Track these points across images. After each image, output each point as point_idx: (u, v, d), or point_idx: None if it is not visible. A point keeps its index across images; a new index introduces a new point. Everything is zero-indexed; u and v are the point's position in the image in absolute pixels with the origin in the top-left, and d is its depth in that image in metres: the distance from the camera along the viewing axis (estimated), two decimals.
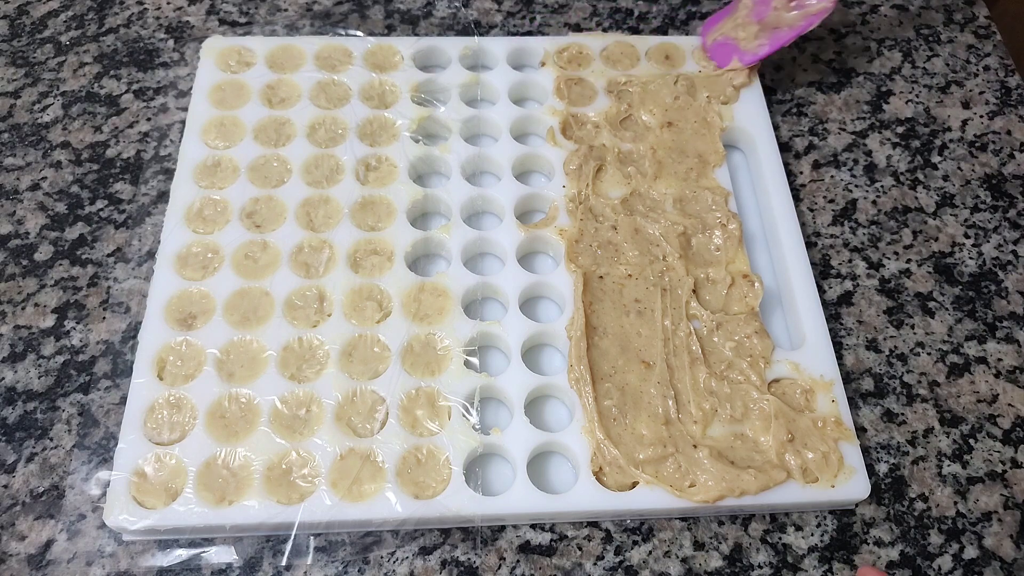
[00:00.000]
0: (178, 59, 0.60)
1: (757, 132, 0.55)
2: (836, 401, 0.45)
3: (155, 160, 0.55)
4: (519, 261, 0.49)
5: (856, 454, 0.44)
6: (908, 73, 0.62)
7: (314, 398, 0.44)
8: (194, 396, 0.44)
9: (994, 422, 0.47)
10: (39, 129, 0.56)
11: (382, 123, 0.55)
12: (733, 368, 0.46)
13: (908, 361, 0.49)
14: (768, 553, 0.43)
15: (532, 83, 0.57)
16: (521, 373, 0.45)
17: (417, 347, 0.46)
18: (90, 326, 0.48)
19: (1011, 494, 0.45)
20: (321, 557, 0.42)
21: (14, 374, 0.47)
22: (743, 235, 0.51)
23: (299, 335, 0.46)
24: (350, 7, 0.63)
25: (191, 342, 0.45)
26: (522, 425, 0.44)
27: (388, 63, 0.57)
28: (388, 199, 0.51)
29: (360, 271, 0.49)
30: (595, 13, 0.64)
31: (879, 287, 0.52)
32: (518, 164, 0.53)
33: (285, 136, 0.54)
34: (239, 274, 0.48)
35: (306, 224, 0.50)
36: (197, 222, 0.50)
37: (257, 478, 0.42)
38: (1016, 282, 0.52)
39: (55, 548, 0.42)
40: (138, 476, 0.42)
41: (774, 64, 0.62)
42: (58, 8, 0.63)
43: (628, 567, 0.42)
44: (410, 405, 0.44)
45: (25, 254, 0.51)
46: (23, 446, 0.45)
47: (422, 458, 0.43)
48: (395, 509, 0.41)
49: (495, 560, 0.42)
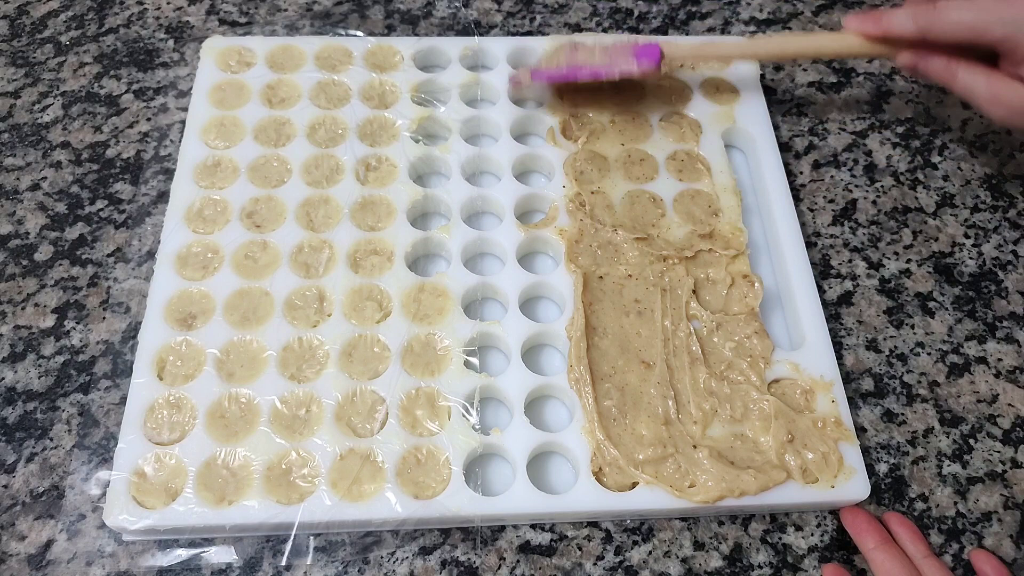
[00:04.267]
0: (178, 59, 0.60)
1: (757, 132, 0.55)
2: (836, 401, 0.45)
3: (155, 160, 0.55)
4: (519, 261, 0.49)
5: (856, 454, 0.44)
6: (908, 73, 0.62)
7: (314, 398, 0.44)
8: (194, 396, 0.44)
9: (994, 422, 0.47)
10: (39, 129, 0.56)
11: (382, 123, 0.55)
12: (733, 368, 0.46)
13: (908, 361, 0.49)
14: (768, 553, 0.43)
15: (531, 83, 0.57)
16: (521, 373, 0.45)
17: (417, 347, 0.46)
18: (90, 326, 0.48)
19: (1011, 494, 0.45)
20: (321, 557, 0.42)
21: (14, 374, 0.47)
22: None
23: (299, 335, 0.46)
24: (350, 7, 0.63)
25: (191, 342, 0.45)
26: (522, 425, 0.44)
27: (388, 63, 0.57)
28: (388, 199, 0.51)
29: (360, 271, 0.49)
30: (595, 13, 0.64)
31: (879, 287, 0.52)
32: (518, 164, 0.53)
33: (285, 136, 0.54)
34: (239, 274, 0.48)
35: (306, 224, 0.50)
36: (197, 222, 0.50)
37: (257, 478, 0.42)
38: (1016, 282, 0.52)
39: (55, 548, 0.42)
40: (138, 476, 0.42)
41: (774, 64, 0.62)
42: (58, 8, 0.63)
43: (628, 567, 0.42)
44: (410, 405, 0.44)
45: (25, 254, 0.51)
46: (23, 446, 0.45)
47: (422, 458, 0.43)
48: (395, 509, 0.41)
49: (495, 560, 0.42)
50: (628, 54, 0.52)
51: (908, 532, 0.42)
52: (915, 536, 0.42)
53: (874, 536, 0.42)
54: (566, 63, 0.53)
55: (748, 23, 0.64)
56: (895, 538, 0.42)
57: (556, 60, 0.54)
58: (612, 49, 0.53)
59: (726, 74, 0.58)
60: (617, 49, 0.53)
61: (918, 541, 0.42)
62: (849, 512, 0.43)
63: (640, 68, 0.52)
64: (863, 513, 0.43)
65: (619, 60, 0.52)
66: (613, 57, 0.53)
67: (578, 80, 0.53)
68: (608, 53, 0.53)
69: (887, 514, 0.44)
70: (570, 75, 0.53)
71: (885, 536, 0.42)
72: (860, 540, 0.42)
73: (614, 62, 0.52)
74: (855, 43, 0.50)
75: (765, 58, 0.59)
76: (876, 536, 0.42)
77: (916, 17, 0.47)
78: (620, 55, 0.53)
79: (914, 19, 0.47)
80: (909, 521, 0.43)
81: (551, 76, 0.54)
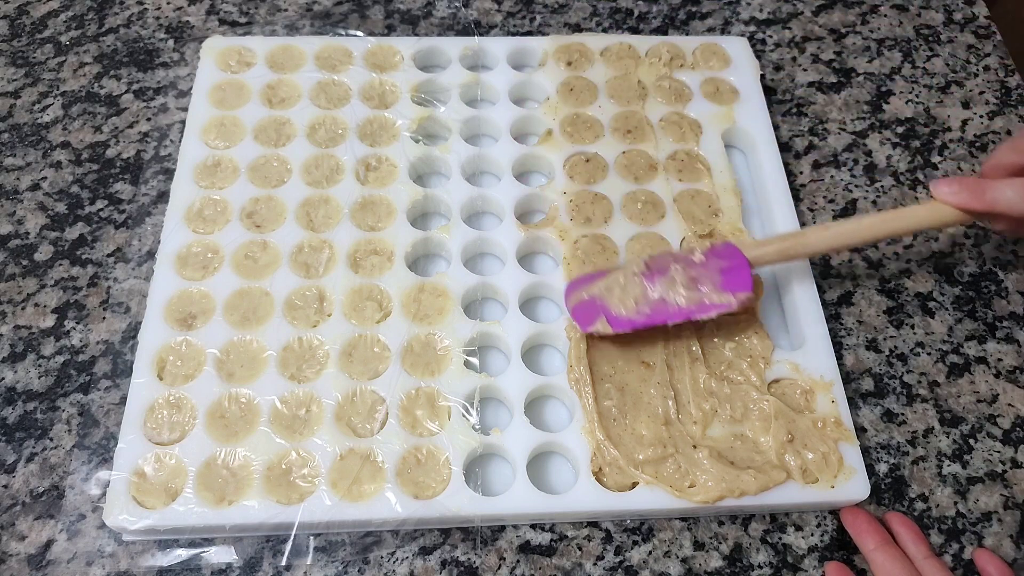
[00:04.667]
0: (178, 59, 0.60)
1: (757, 132, 0.55)
2: (836, 401, 0.45)
3: (155, 160, 0.55)
4: (519, 261, 0.49)
5: (856, 454, 0.44)
6: (908, 73, 0.62)
7: (314, 398, 0.44)
8: (194, 396, 0.44)
9: (994, 422, 0.47)
10: (39, 129, 0.56)
11: (382, 123, 0.55)
12: (733, 368, 0.46)
13: (908, 361, 0.49)
14: (768, 553, 0.43)
15: (532, 83, 0.57)
16: (521, 373, 0.45)
17: (417, 347, 0.46)
18: (90, 326, 0.48)
19: (1011, 494, 0.45)
20: (321, 557, 0.42)
21: (14, 374, 0.47)
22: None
23: (299, 335, 0.46)
24: (350, 7, 0.63)
25: (191, 342, 0.45)
26: (522, 425, 0.44)
27: (388, 63, 0.57)
28: (388, 199, 0.51)
29: (360, 271, 0.49)
30: (595, 13, 0.64)
31: (879, 287, 0.52)
32: (518, 164, 0.53)
33: (285, 136, 0.54)
34: (239, 274, 0.48)
35: (306, 224, 0.50)
36: (197, 222, 0.50)
37: (257, 478, 0.42)
38: (1016, 282, 0.52)
39: (55, 548, 0.42)
40: (138, 476, 0.42)
41: (774, 64, 0.62)
42: (58, 8, 0.63)
43: (628, 567, 0.42)
44: (410, 405, 0.44)
45: (25, 254, 0.51)
46: (23, 446, 0.45)
47: (422, 458, 0.43)
48: (395, 509, 0.41)
49: (495, 560, 0.42)
50: (716, 281, 0.44)
51: (909, 532, 0.42)
52: (916, 536, 0.42)
53: (875, 537, 0.42)
54: (644, 298, 0.45)
55: (748, 23, 0.64)
56: (896, 538, 0.42)
57: (627, 289, 0.45)
58: (696, 274, 0.45)
59: (726, 74, 0.58)
60: (701, 274, 0.45)
61: (919, 542, 0.42)
62: (849, 513, 0.43)
63: (738, 301, 0.44)
64: (864, 514, 0.43)
65: (710, 293, 0.44)
66: (700, 286, 0.44)
67: (667, 324, 0.45)
68: (693, 280, 0.45)
69: (888, 514, 0.44)
70: (656, 320, 0.45)
71: (886, 537, 0.42)
72: (860, 541, 0.42)
73: (705, 296, 0.44)
74: (949, 214, 0.44)
75: (854, 246, 0.49)
76: (877, 537, 0.42)
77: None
78: (707, 283, 0.44)
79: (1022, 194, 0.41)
80: (910, 521, 0.43)
81: (634, 324, 0.45)
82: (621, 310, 0.45)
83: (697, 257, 0.46)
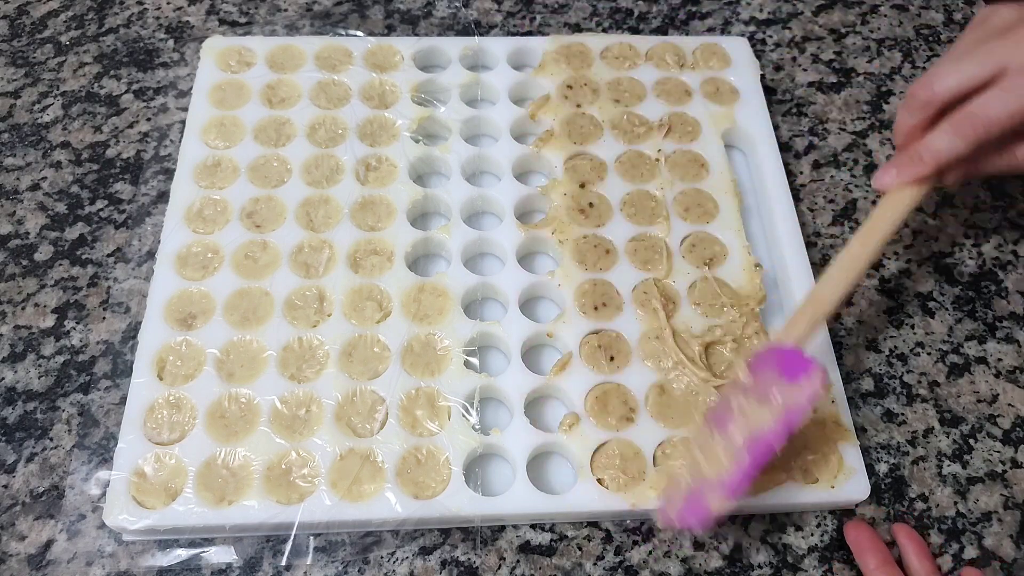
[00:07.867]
0: (178, 59, 0.60)
1: (757, 132, 0.55)
2: (836, 401, 0.45)
3: (155, 160, 0.55)
4: (519, 261, 0.49)
5: (856, 454, 0.44)
6: (908, 73, 0.62)
7: (314, 398, 0.44)
8: (194, 396, 0.44)
9: (994, 422, 0.47)
10: (39, 129, 0.56)
11: (382, 123, 0.55)
12: (733, 368, 0.46)
13: (908, 361, 0.49)
14: (768, 553, 0.43)
15: (532, 83, 0.57)
16: (521, 373, 0.45)
17: (417, 347, 0.46)
18: (90, 326, 0.48)
19: (1011, 494, 0.45)
20: (321, 557, 0.42)
21: (14, 374, 0.47)
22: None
23: (299, 335, 0.46)
24: (350, 7, 0.63)
25: (191, 342, 0.45)
26: (522, 425, 0.44)
27: (388, 63, 0.57)
28: (388, 199, 0.51)
29: (360, 271, 0.49)
30: (595, 13, 0.64)
31: (879, 287, 0.52)
32: (518, 164, 0.53)
33: (285, 136, 0.54)
34: (239, 274, 0.48)
35: (306, 224, 0.50)
36: (197, 222, 0.50)
37: (257, 478, 0.42)
38: (1016, 282, 0.52)
39: (55, 548, 0.42)
40: (138, 476, 0.42)
41: (774, 64, 0.62)
42: (58, 8, 0.63)
43: (628, 567, 0.42)
44: (410, 405, 0.44)
45: (25, 254, 0.51)
46: (23, 446, 0.45)
47: (422, 458, 0.43)
48: (395, 509, 0.41)
49: (495, 560, 0.42)
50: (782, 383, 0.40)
51: (915, 547, 0.41)
52: (921, 552, 0.41)
53: (876, 556, 0.41)
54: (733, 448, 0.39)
55: (748, 23, 0.64)
56: (901, 550, 0.42)
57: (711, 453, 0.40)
58: (759, 392, 0.40)
59: (726, 74, 0.58)
60: (763, 387, 0.40)
61: (924, 558, 0.41)
62: (853, 528, 0.42)
63: (816, 379, 0.39)
64: (867, 530, 0.42)
65: (787, 395, 0.39)
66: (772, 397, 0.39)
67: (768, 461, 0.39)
68: (762, 399, 0.40)
69: (896, 525, 0.43)
70: (762, 455, 0.39)
71: (887, 557, 0.41)
72: (861, 559, 0.41)
73: (784, 400, 0.39)
74: (908, 197, 0.42)
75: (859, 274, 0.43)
76: (879, 556, 0.41)
77: (957, 129, 0.40)
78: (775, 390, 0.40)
79: (956, 132, 0.40)
80: (918, 536, 0.42)
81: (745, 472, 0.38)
82: (722, 474, 0.39)
83: (745, 379, 0.42)
